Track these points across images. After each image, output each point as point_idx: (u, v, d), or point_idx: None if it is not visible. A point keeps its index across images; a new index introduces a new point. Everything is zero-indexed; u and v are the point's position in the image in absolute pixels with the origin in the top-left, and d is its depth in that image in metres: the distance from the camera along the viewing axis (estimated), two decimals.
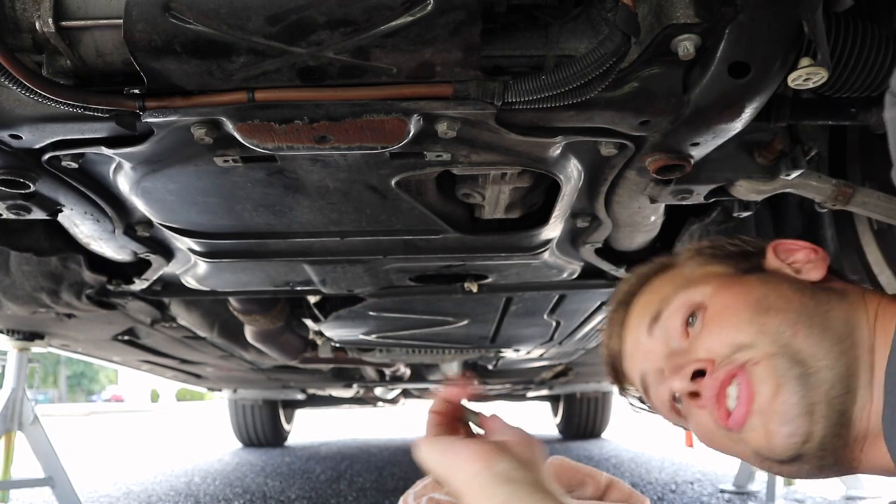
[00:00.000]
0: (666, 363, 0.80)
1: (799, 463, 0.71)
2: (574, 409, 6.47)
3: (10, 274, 1.68)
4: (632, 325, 0.88)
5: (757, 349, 0.72)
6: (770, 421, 0.70)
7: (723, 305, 0.77)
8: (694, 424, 0.80)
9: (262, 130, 0.91)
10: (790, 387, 0.69)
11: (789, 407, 0.68)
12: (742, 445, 0.74)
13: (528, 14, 0.82)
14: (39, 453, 2.79)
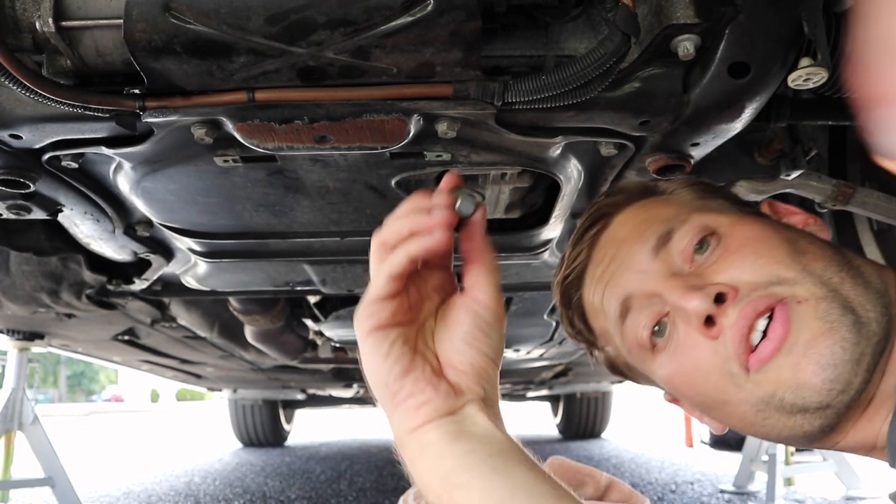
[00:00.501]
0: (668, 285, 0.70)
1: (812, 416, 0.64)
2: (574, 409, 6.47)
3: (11, 274, 1.68)
4: (619, 240, 0.78)
5: (802, 287, 0.65)
6: (808, 362, 0.62)
7: (751, 236, 0.69)
8: (681, 358, 0.70)
9: (262, 130, 0.91)
10: (843, 332, 0.62)
11: (839, 351, 0.62)
12: (747, 388, 0.66)
13: (528, 14, 0.82)
14: (39, 453, 2.79)
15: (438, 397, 0.60)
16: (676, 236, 0.73)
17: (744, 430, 0.71)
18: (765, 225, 0.72)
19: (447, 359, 0.62)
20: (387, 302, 0.59)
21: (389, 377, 0.60)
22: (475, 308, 0.62)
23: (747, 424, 0.69)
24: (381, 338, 0.60)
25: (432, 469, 0.58)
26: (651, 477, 4.03)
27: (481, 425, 0.60)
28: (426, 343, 0.63)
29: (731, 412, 0.69)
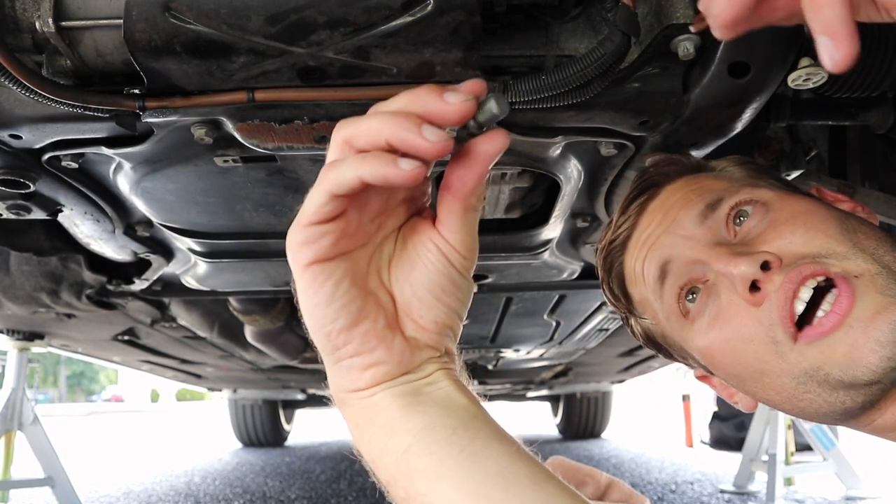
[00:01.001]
0: (714, 252, 0.69)
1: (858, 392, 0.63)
2: (574, 409, 6.47)
3: (11, 274, 1.68)
4: (666, 207, 0.77)
5: (853, 263, 0.64)
6: (867, 339, 0.61)
7: (802, 209, 0.69)
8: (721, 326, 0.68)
9: (262, 130, 0.91)
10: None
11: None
12: (791, 358, 0.64)
13: (528, 14, 0.82)
14: (39, 453, 2.79)
15: (392, 357, 0.49)
16: (724, 206, 0.72)
17: (779, 405, 0.70)
18: (814, 202, 0.71)
19: (406, 306, 0.50)
20: (327, 225, 0.45)
21: (332, 328, 0.48)
22: (448, 251, 0.49)
23: (784, 398, 0.68)
24: (322, 274, 0.46)
25: (383, 444, 0.48)
26: (651, 477, 4.03)
27: (443, 391, 0.50)
28: (380, 276, 0.50)
29: (768, 383, 0.68)
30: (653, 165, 0.85)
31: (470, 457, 0.46)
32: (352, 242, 0.48)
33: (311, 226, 0.45)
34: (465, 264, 0.50)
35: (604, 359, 3.65)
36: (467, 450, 0.46)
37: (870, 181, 1.27)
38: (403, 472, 0.47)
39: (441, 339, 0.51)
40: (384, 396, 0.49)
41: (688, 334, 0.73)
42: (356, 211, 0.47)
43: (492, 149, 0.45)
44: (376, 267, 0.50)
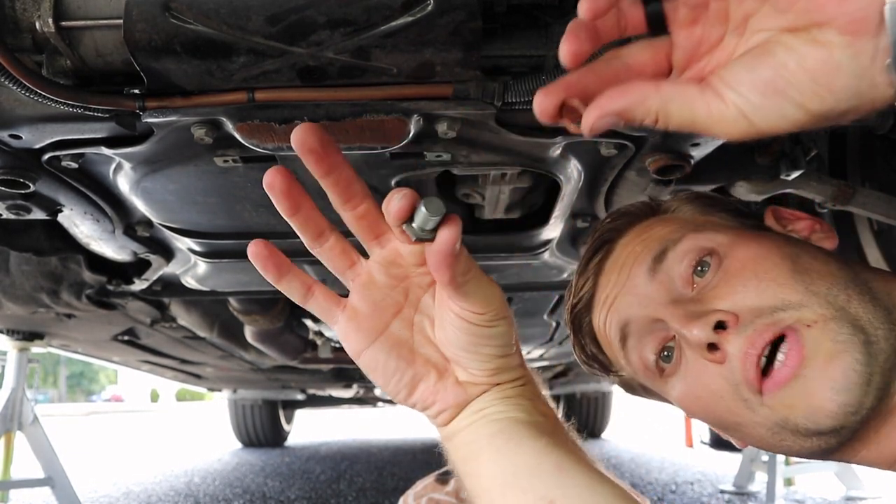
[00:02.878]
0: (669, 311, 0.69)
1: (828, 437, 0.63)
2: (574, 410, 6.47)
3: (10, 274, 1.68)
4: (619, 265, 0.77)
5: (809, 310, 0.63)
6: (822, 387, 0.61)
7: (751, 256, 0.68)
8: (691, 383, 0.69)
9: (262, 130, 0.91)
10: (854, 354, 0.61)
11: (852, 374, 0.60)
12: (761, 412, 0.65)
13: (528, 14, 0.82)
14: (39, 453, 2.79)
15: (449, 404, 0.60)
16: (671, 256, 0.71)
17: (763, 448, 0.71)
18: (764, 242, 0.70)
19: (453, 358, 0.59)
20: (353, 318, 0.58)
21: (399, 397, 0.60)
22: (464, 314, 0.56)
23: (765, 444, 0.68)
24: (372, 360, 0.58)
25: (452, 456, 0.61)
26: (651, 477, 4.03)
27: (496, 409, 0.59)
28: (425, 334, 0.59)
29: (747, 433, 0.69)
30: (606, 219, 0.85)
31: (503, 455, 0.56)
32: (381, 319, 0.58)
33: (340, 323, 0.58)
34: (485, 318, 0.56)
35: None
36: (501, 449, 0.57)
37: (870, 181, 1.27)
38: (464, 479, 0.59)
39: (493, 377, 0.60)
40: (454, 425, 0.60)
41: (664, 388, 0.74)
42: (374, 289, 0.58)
43: (439, 248, 0.51)
44: (420, 327, 0.59)
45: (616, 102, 0.47)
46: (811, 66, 0.42)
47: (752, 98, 0.44)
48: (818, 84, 0.42)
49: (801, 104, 0.43)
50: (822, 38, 0.41)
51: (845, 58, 0.40)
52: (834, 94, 0.42)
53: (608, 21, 0.46)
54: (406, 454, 5.84)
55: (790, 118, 0.43)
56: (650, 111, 0.47)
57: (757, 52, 0.44)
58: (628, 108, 0.47)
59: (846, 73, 0.41)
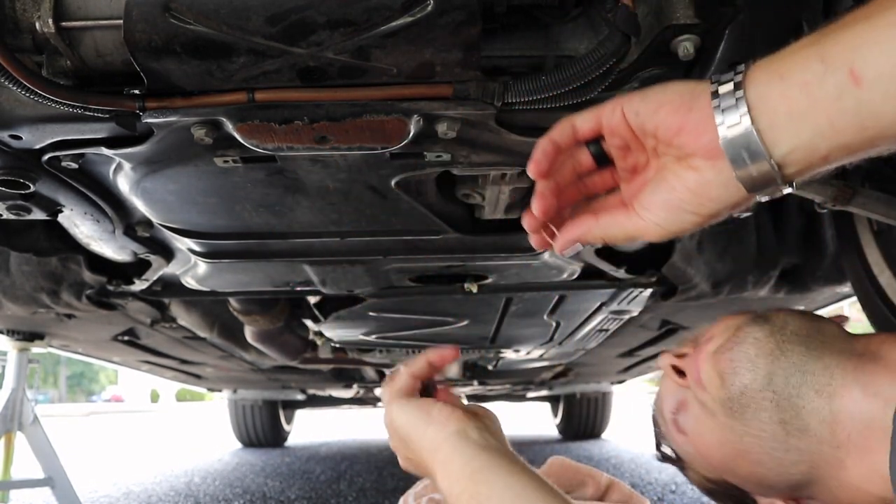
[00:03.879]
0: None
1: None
2: (574, 410, 6.47)
3: (11, 274, 1.68)
4: None
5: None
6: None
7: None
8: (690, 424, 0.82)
9: (262, 131, 0.91)
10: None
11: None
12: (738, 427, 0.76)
13: (528, 14, 0.82)
14: (39, 454, 2.79)
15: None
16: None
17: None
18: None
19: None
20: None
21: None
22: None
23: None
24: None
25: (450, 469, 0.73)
26: (651, 477, 4.03)
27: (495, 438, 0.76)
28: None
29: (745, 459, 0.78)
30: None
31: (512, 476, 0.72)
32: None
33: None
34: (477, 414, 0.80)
35: (604, 359, 3.64)
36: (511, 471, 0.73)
37: (870, 182, 1.27)
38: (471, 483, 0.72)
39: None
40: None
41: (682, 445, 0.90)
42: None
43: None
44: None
45: (572, 233, 0.66)
46: (691, 185, 0.56)
47: (659, 213, 0.58)
48: (699, 196, 0.56)
49: (693, 211, 0.57)
50: (694, 164, 0.55)
51: (711, 175, 0.54)
52: (713, 201, 0.56)
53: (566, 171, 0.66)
54: None
55: (688, 222, 0.58)
56: (596, 236, 0.64)
57: (656, 179, 0.59)
58: (580, 237, 0.65)
59: (715, 185, 0.55)
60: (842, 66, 0.46)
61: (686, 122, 0.55)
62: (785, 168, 0.52)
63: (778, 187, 0.54)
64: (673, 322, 2.49)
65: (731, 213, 0.58)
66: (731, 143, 0.52)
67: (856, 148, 0.49)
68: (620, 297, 1.99)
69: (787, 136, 0.50)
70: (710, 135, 0.53)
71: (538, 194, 0.66)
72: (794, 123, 0.50)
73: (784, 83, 0.50)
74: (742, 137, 0.51)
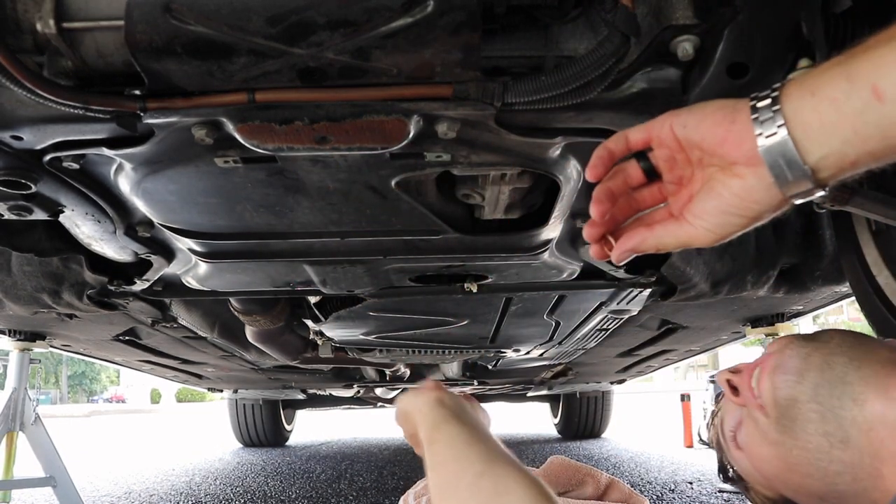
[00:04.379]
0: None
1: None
2: (574, 409, 6.47)
3: (12, 274, 1.68)
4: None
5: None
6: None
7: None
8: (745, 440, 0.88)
9: (262, 131, 0.92)
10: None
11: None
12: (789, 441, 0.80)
13: (527, 15, 0.82)
14: (41, 453, 2.79)
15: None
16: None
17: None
18: None
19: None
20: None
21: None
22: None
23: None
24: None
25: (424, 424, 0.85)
26: (650, 476, 4.03)
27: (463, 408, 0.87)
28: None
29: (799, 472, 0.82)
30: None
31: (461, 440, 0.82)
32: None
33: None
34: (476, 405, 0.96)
35: (603, 359, 3.65)
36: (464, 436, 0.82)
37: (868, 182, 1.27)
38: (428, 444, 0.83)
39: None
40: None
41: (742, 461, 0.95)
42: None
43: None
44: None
45: (628, 244, 0.70)
46: (737, 191, 0.61)
47: (710, 219, 0.63)
48: (744, 200, 0.61)
49: (739, 215, 0.62)
50: (738, 172, 0.60)
51: (754, 181, 0.59)
52: (756, 204, 0.61)
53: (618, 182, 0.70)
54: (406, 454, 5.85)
55: (736, 224, 0.63)
56: (651, 246, 0.69)
57: (704, 189, 0.64)
58: (636, 246, 0.70)
59: (757, 190, 0.60)
60: (866, 84, 0.52)
61: (729, 133, 0.60)
62: (818, 173, 0.57)
63: (812, 190, 0.59)
64: (672, 322, 2.50)
65: (771, 215, 0.63)
66: (769, 151, 0.57)
67: (880, 155, 0.54)
68: (620, 297, 1.99)
69: (819, 144, 0.55)
70: (750, 144, 0.58)
71: (595, 200, 0.70)
72: (824, 134, 0.55)
73: (815, 99, 0.55)
74: (779, 146, 0.57)
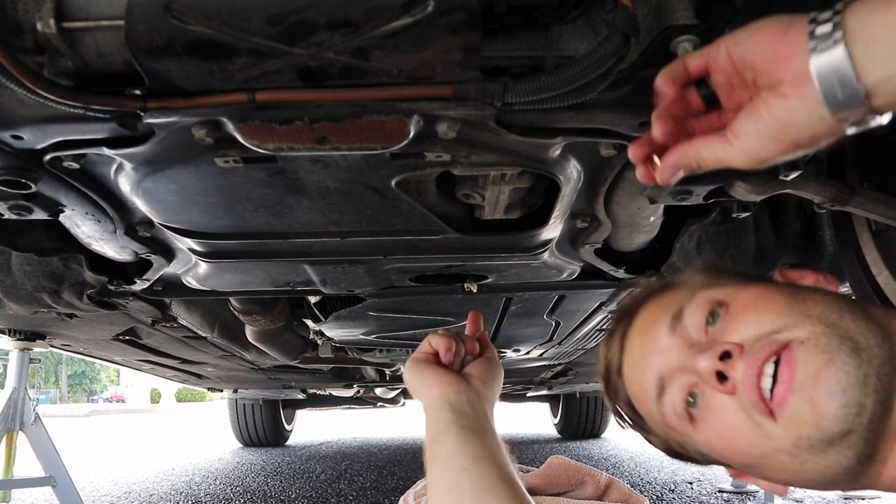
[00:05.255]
0: (686, 354, 0.77)
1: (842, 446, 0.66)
2: (574, 409, 6.47)
3: (12, 274, 1.68)
4: (642, 329, 0.85)
5: (801, 329, 0.69)
6: (818, 395, 0.65)
7: (752, 296, 0.76)
8: (713, 421, 0.74)
9: (262, 131, 0.92)
10: (843, 358, 0.66)
11: (844, 375, 0.65)
12: (776, 435, 0.68)
13: (527, 15, 0.82)
14: (41, 453, 2.79)
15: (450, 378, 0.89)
16: (687, 312, 0.80)
17: (794, 483, 0.74)
18: (767, 286, 0.79)
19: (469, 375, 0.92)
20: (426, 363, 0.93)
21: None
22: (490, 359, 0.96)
23: (791, 474, 0.71)
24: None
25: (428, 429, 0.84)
26: (650, 476, 4.03)
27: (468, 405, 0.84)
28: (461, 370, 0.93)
29: (772, 465, 0.72)
30: (625, 296, 0.97)
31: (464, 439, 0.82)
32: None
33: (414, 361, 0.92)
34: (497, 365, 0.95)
35: None
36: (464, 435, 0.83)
37: (868, 182, 1.27)
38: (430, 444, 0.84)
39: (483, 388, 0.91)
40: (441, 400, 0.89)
41: (696, 437, 0.79)
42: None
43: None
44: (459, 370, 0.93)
45: (670, 160, 0.67)
46: (776, 112, 0.57)
47: (746, 140, 0.60)
48: (783, 123, 0.57)
49: (775, 139, 0.59)
50: (782, 91, 0.56)
51: (797, 102, 0.55)
52: (796, 129, 0.57)
53: (678, 108, 0.68)
54: (406, 454, 5.85)
55: (772, 150, 0.60)
56: (691, 160, 0.65)
57: (748, 108, 0.60)
58: (677, 162, 0.66)
59: (799, 112, 0.56)
60: None
61: (780, 46, 0.56)
62: (874, 98, 0.52)
63: (864, 119, 0.53)
64: None
65: (815, 147, 0.58)
66: (821, 68, 0.52)
67: None
68: (620, 297, 1.99)
69: (883, 62, 0.50)
70: (801, 58, 0.54)
71: (658, 119, 0.66)
72: (892, 50, 0.49)
73: (892, 12, 0.49)
74: (833, 61, 0.52)
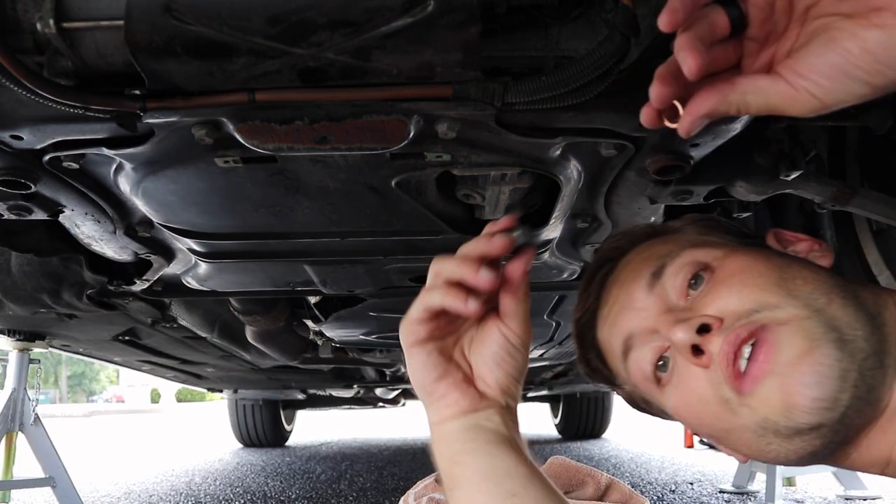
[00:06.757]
0: (662, 319, 0.72)
1: (809, 437, 0.64)
2: (574, 410, 6.46)
3: (12, 274, 1.68)
4: (620, 281, 0.80)
5: (784, 310, 0.65)
6: (794, 382, 0.63)
7: (740, 266, 0.70)
8: (682, 390, 0.71)
9: (262, 131, 0.91)
10: (825, 349, 0.62)
11: (823, 368, 0.62)
12: (743, 413, 0.66)
13: (528, 15, 0.82)
14: (40, 453, 2.79)
15: (464, 400, 0.68)
16: (668, 271, 0.75)
17: (756, 458, 0.71)
18: (756, 254, 0.73)
19: (478, 371, 0.70)
20: (422, 324, 0.67)
21: (426, 381, 0.69)
22: (506, 333, 0.70)
23: (754, 451, 0.70)
24: (419, 351, 0.68)
25: (444, 450, 0.69)
26: (651, 477, 4.03)
27: (493, 423, 0.69)
28: (462, 352, 0.71)
29: (736, 440, 0.70)
30: (609, 239, 0.90)
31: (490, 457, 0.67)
32: (442, 333, 0.69)
33: (412, 323, 0.67)
34: (518, 340, 0.71)
35: None
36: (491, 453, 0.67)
37: (869, 182, 1.27)
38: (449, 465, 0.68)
39: (502, 396, 0.70)
40: (453, 425, 0.69)
41: (662, 399, 0.77)
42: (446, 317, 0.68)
43: (518, 270, 0.70)
44: (460, 346, 0.71)
45: (703, 106, 0.55)
46: (872, 47, 0.47)
47: (822, 82, 0.50)
48: (880, 62, 0.48)
49: (867, 81, 0.49)
50: (880, 21, 0.47)
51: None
52: (894, 69, 0.48)
53: (701, 30, 0.54)
54: (406, 454, 5.85)
55: (856, 93, 0.50)
56: (732, 104, 0.54)
57: (822, 40, 0.50)
58: (714, 108, 0.55)
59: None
60: None
61: None
62: None
63: None
64: None
65: None
66: None
67: None
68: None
69: None
70: None
71: (690, 46, 0.53)
72: None
73: None
74: None
